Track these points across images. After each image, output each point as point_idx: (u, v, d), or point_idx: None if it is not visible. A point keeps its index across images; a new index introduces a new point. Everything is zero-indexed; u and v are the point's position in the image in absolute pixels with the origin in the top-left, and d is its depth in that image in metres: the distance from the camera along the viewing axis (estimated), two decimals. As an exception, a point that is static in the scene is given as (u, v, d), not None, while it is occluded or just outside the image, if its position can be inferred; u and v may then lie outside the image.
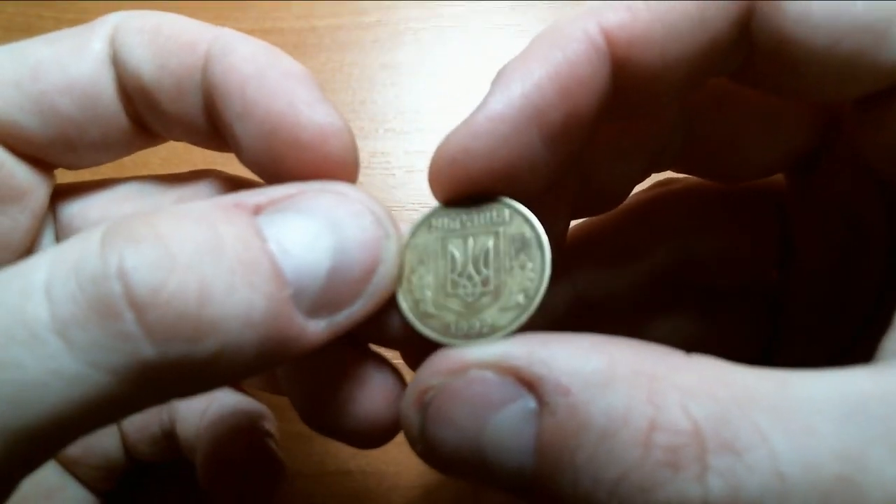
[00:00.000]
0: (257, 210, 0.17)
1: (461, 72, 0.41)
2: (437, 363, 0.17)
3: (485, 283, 0.18)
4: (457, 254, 0.19)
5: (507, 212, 0.19)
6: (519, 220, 0.19)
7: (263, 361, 0.16)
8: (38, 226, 0.23)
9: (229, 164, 0.23)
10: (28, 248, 0.23)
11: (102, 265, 0.14)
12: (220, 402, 0.27)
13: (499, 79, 0.18)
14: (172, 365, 0.14)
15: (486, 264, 0.18)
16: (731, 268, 0.27)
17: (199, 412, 0.26)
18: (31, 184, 0.22)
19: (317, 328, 0.16)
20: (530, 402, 0.15)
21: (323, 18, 0.42)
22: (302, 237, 0.16)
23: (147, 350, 0.14)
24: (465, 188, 0.19)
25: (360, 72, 0.41)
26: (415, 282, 0.19)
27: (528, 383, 0.15)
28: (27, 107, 0.21)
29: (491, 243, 0.19)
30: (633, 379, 0.15)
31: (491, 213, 0.19)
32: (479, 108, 0.18)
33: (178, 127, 0.23)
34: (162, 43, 0.21)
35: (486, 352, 0.16)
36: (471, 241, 0.19)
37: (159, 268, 0.14)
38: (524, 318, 0.17)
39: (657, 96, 0.20)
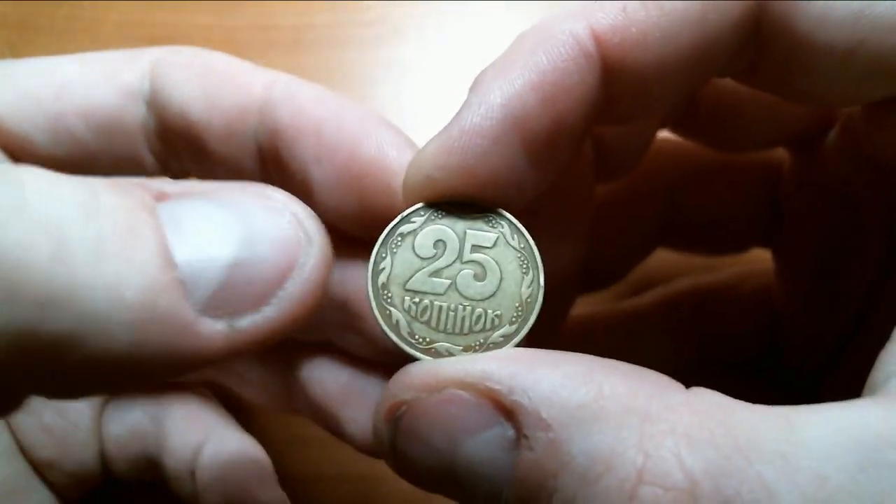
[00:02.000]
0: (161, 196, 0.15)
1: (463, 69, 0.40)
2: (412, 375, 0.16)
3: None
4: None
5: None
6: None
7: (146, 356, 0.13)
8: None
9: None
10: None
11: None
12: (217, 441, 0.24)
13: (477, 86, 0.17)
14: (24, 336, 0.12)
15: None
16: (719, 228, 0.27)
17: (191, 447, 0.24)
18: None
19: (213, 329, 0.14)
20: (508, 431, 0.14)
21: (322, 15, 0.42)
22: (204, 222, 0.14)
23: None
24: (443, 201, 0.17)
25: (359, 69, 0.40)
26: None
27: (506, 411, 0.14)
28: (41, 124, 0.21)
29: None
30: (623, 418, 0.13)
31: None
32: (455, 120, 0.17)
33: (223, 168, 0.22)
34: (213, 80, 0.21)
35: (465, 369, 0.15)
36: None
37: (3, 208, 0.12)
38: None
39: (652, 101, 0.19)
